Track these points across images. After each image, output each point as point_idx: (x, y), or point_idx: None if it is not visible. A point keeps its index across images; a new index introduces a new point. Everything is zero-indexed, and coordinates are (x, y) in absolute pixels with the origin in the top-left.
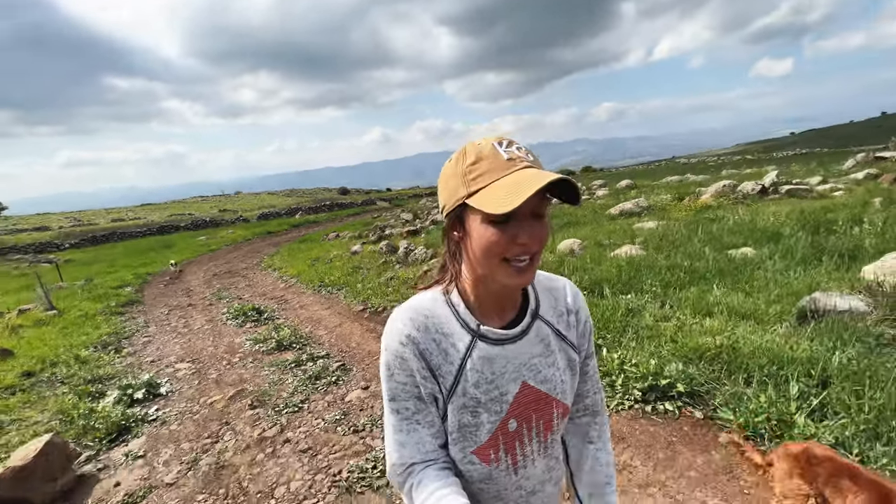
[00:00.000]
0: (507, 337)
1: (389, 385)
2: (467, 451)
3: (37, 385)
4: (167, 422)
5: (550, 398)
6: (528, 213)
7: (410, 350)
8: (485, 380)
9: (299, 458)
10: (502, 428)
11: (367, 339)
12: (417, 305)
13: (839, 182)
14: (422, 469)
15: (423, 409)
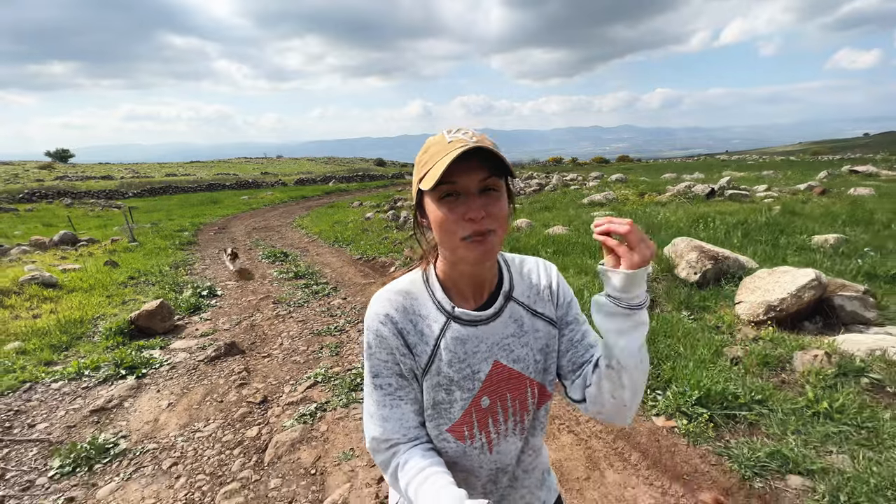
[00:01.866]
0: (479, 318)
1: (371, 362)
2: (442, 429)
3: (139, 283)
4: (222, 306)
5: (523, 377)
6: (474, 189)
7: (389, 329)
8: (457, 359)
9: (296, 323)
10: (475, 404)
11: (356, 276)
12: (397, 288)
13: (781, 191)
14: (407, 449)
15: (406, 386)
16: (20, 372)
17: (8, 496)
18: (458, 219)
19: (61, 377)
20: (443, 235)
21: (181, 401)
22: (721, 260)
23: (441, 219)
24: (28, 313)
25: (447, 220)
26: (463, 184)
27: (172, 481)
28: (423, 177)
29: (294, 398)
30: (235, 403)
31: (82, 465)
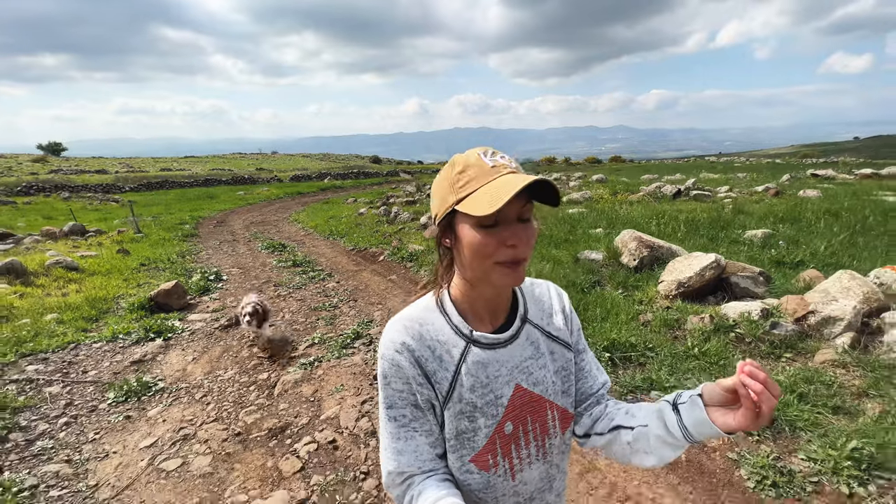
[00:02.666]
0: (498, 341)
1: (386, 393)
2: (465, 460)
3: (150, 269)
4: (228, 289)
5: (543, 400)
6: (514, 217)
7: (406, 357)
8: (480, 384)
9: (296, 301)
10: (499, 431)
11: (349, 264)
12: (411, 315)
13: (741, 192)
14: (422, 480)
15: (421, 417)
16: (62, 336)
17: (80, 415)
18: (499, 244)
19: (100, 339)
20: (477, 260)
21: (203, 356)
22: (656, 248)
23: (481, 244)
24: (58, 292)
25: (487, 245)
26: (505, 212)
27: (204, 406)
28: (463, 199)
29: (295, 354)
30: (248, 358)
31: (132, 397)
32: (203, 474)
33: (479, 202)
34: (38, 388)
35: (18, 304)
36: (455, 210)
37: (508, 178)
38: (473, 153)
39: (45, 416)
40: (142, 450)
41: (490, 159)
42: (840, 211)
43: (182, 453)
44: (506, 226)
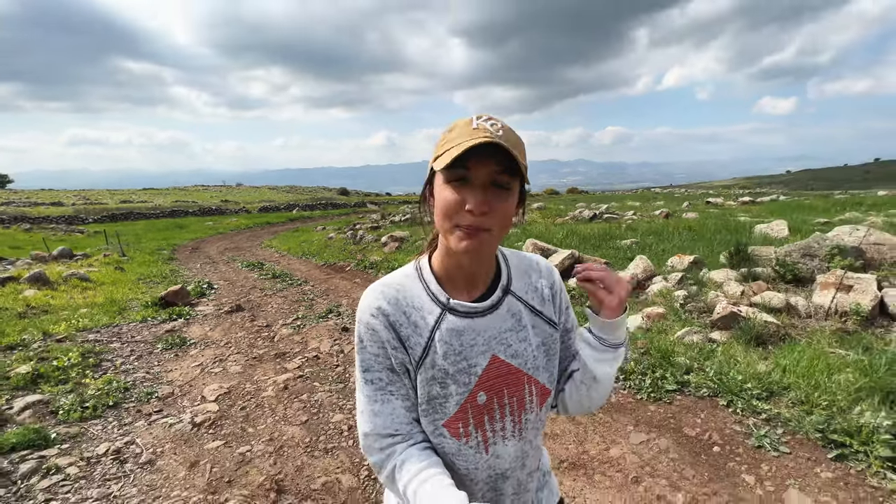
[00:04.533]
0: (476, 310)
1: (363, 356)
2: (438, 424)
3: (148, 282)
4: (221, 293)
5: (522, 373)
6: (484, 180)
7: (381, 321)
8: (453, 351)
9: (280, 298)
10: (471, 400)
11: (320, 275)
12: (390, 281)
13: (641, 216)
14: (405, 449)
15: (397, 381)
16: (101, 320)
17: (143, 355)
18: (459, 205)
19: (133, 321)
20: (440, 218)
21: (217, 327)
22: (545, 250)
23: (443, 200)
24: (79, 295)
25: (448, 202)
26: (475, 172)
27: (226, 349)
28: (440, 156)
29: (286, 323)
30: (251, 327)
31: (175, 346)
32: (237, 372)
33: (444, 158)
34: (104, 344)
35: (53, 303)
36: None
37: (477, 138)
38: (468, 118)
39: (120, 356)
40: (193, 367)
41: (478, 122)
42: (694, 227)
43: (221, 366)
44: (472, 188)
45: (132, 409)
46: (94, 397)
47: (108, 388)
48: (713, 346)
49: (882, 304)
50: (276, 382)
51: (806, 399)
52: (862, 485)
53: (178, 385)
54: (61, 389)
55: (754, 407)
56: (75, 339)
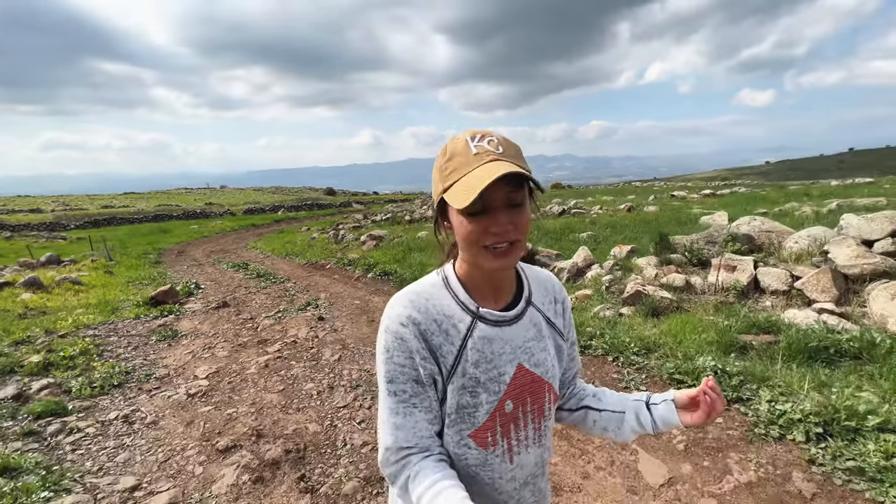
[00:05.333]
0: (504, 319)
1: (388, 367)
2: (464, 434)
3: (137, 284)
4: (207, 293)
5: (543, 381)
6: (500, 203)
7: (411, 331)
8: (484, 359)
9: (263, 294)
10: (499, 408)
11: (302, 273)
12: (417, 290)
13: (606, 210)
14: (419, 460)
15: (421, 393)
16: (97, 318)
17: (139, 345)
18: (484, 231)
19: (127, 318)
20: (465, 244)
21: (206, 321)
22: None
23: (465, 230)
24: (73, 297)
25: (473, 232)
26: (489, 200)
27: (214, 339)
28: (448, 188)
29: (268, 315)
30: (236, 320)
31: (167, 338)
32: (224, 356)
33: (458, 194)
34: (103, 338)
35: (49, 305)
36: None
37: (487, 168)
38: (462, 139)
39: (118, 347)
40: (185, 354)
41: (475, 145)
42: (649, 219)
43: (210, 352)
44: (491, 213)
45: (134, 387)
46: (101, 379)
47: (112, 372)
48: (620, 318)
49: (756, 280)
50: (258, 363)
51: (670, 353)
52: None
53: (172, 368)
54: (71, 374)
55: (632, 361)
56: (76, 335)
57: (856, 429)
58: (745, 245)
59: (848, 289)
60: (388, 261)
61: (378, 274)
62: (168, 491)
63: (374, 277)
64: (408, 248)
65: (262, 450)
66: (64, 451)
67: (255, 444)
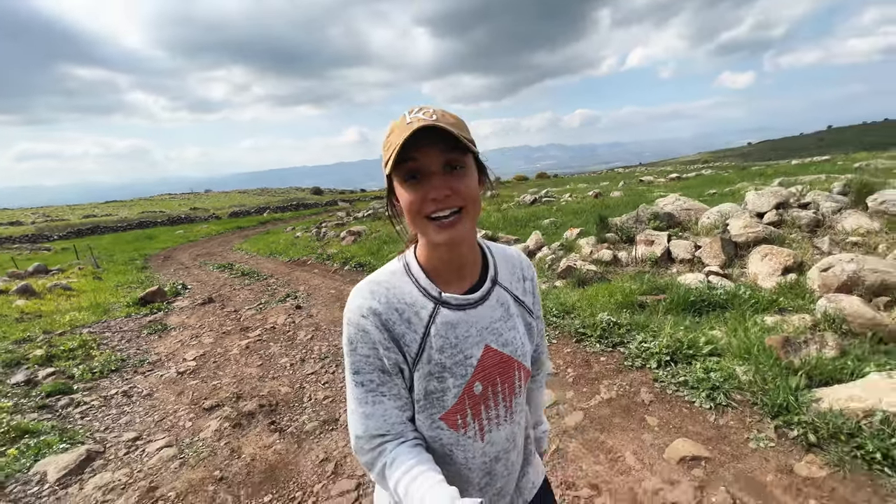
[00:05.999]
0: (468, 302)
1: (353, 359)
2: (435, 417)
3: (125, 288)
4: (193, 291)
5: (513, 360)
6: (435, 167)
7: (372, 322)
8: (449, 344)
9: (247, 290)
10: (468, 391)
11: (284, 269)
12: (377, 279)
13: (575, 197)
14: (394, 447)
15: (388, 381)
16: (90, 318)
17: (132, 339)
18: (422, 198)
19: (119, 317)
20: (410, 217)
21: (192, 315)
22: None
23: (406, 200)
24: (66, 302)
25: (412, 201)
26: (424, 162)
27: (200, 330)
28: (388, 161)
29: (250, 307)
30: (221, 313)
31: (158, 331)
32: (210, 342)
33: (390, 160)
34: (98, 334)
35: (44, 309)
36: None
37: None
38: (402, 114)
39: (113, 340)
40: (174, 343)
41: (410, 116)
42: (611, 204)
43: (197, 340)
44: (427, 178)
45: (130, 371)
46: (100, 365)
47: (109, 360)
48: (553, 290)
49: (668, 251)
50: (240, 345)
51: (581, 314)
52: (584, 353)
53: (163, 355)
54: (72, 363)
55: (550, 321)
56: (73, 333)
57: (693, 355)
58: (665, 222)
59: (736, 254)
60: (364, 253)
61: (354, 266)
62: (163, 439)
63: (350, 269)
64: (383, 242)
65: (240, 406)
66: (74, 419)
67: (235, 403)
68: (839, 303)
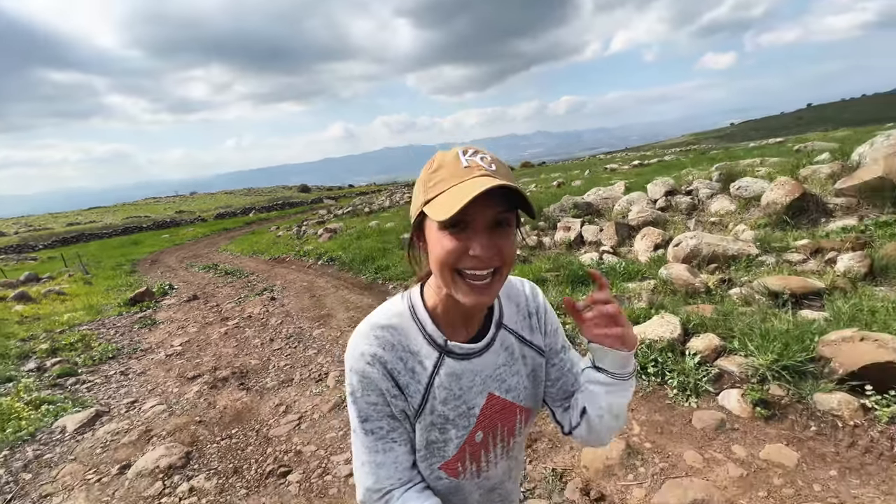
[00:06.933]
0: (473, 351)
1: (359, 406)
2: (434, 467)
3: (115, 291)
4: (180, 291)
5: (514, 406)
6: (485, 223)
7: (378, 370)
8: (453, 396)
9: (229, 287)
10: (469, 440)
11: (265, 267)
12: (381, 322)
13: (536, 186)
14: (401, 493)
15: (398, 427)
16: (86, 318)
17: (125, 332)
18: (462, 252)
19: (112, 315)
20: (439, 265)
21: (179, 311)
22: None
23: (443, 249)
24: (61, 305)
25: (450, 251)
26: (477, 217)
27: (186, 322)
28: (431, 200)
29: (231, 301)
30: (204, 308)
31: (148, 325)
32: (194, 331)
33: (441, 205)
34: (94, 330)
35: (41, 312)
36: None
37: (478, 181)
38: (454, 151)
39: (108, 335)
40: (163, 334)
41: (467, 159)
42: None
43: (183, 330)
44: (473, 232)
45: (125, 357)
46: (99, 354)
47: (106, 349)
48: None
49: (581, 235)
50: (219, 332)
51: None
52: None
53: (153, 343)
54: (74, 354)
55: None
56: (72, 330)
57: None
58: (583, 210)
59: (629, 235)
60: (337, 249)
61: (326, 260)
62: (155, 400)
63: (323, 263)
64: (356, 237)
65: (217, 374)
66: (82, 392)
67: (213, 372)
68: (671, 270)
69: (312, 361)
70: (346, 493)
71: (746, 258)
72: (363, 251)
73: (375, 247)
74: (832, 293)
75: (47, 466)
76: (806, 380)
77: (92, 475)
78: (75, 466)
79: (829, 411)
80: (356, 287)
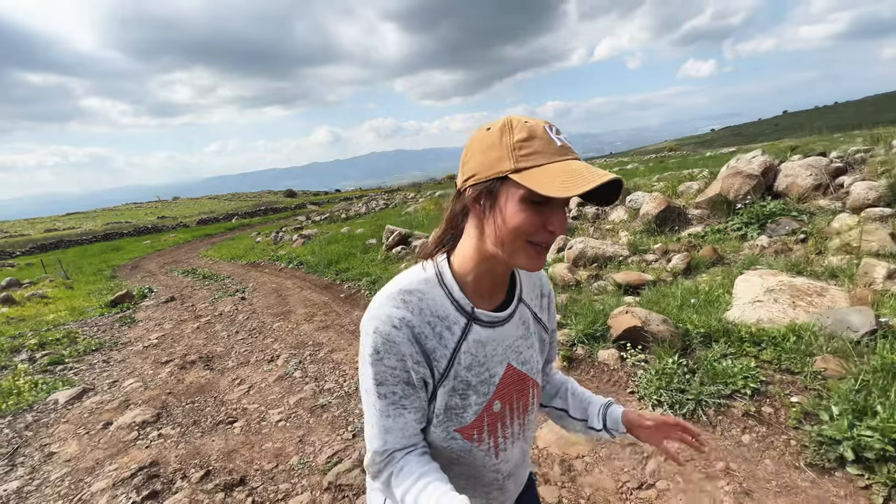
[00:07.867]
0: (497, 319)
1: (377, 369)
2: (451, 430)
3: (96, 295)
4: (159, 294)
5: (528, 378)
6: (563, 202)
7: (405, 334)
8: (477, 362)
9: (205, 290)
10: (488, 409)
11: (241, 271)
12: (409, 287)
13: None
14: (403, 456)
15: (412, 395)
16: (70, 318)
17: (108, 330)
18: (541, 226)
19: (94, 316)
20: (513, 234)
21: (157, 311)
22: (402, 234)
23: (524, 221)
24: (45, 308)
25: (531, 223)
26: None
27: (163, 320)
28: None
29: (205, 301)
30: (181, 308)
31: (128, 323)
32: (170, 328)
33: (551, 180)
34: (78, 329)
35: (26, 314)
36: (505, 178)
37: (580, 166)
38: (539, 124)
39: (91, 332)
40: (141, 330)
41: (556, 137)
42: None
43: (160, 327)
44: (553, 208)
45: (107, 349)
46: (83, 347)
47: (90, 343)
48: None
49: None
50: (192, 327)
51: None
52: None
53: (133, 338)
54: (61, 347)
55: None
56: (58, 328)
57: None
58: None
59: None
60: (306, 253)
61: (296, 265)
62: (133, 380)
63: (293, 267)
64: (326, 243)
65: (186, 359)
66: (69, 377)
67: (183, 358)
68: (554, 268)
69: (269, 347)
70: (274, 433)
71: (618, 258)
72: (329, 255)
73: (341, 251)
74: (657, 284)
75: (45, 426)
76: (598, 342)
77: (82, 430)
78: (68, 426)
79: (603, 361)
80: (317, 287)
